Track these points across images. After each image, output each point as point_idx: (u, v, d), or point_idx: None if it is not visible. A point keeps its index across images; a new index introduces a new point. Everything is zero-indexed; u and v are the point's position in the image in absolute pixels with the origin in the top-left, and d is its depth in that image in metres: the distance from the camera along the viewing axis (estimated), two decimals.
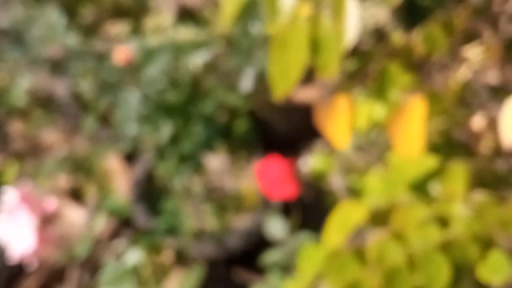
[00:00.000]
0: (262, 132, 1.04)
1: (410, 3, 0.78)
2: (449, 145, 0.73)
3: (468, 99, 0.73)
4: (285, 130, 1.11)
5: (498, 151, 0.71)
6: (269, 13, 0.57)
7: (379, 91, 0.64)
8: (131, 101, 0.84)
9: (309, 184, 0.98)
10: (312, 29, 0.55)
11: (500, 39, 0.71)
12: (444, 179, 0.56)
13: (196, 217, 1.01)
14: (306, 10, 0.55)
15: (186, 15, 1.12)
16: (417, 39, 0.64)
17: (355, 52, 0.80)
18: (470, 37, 0.68)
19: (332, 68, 0.57)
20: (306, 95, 1.13)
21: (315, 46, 0.56)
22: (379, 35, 0.90)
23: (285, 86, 0.57)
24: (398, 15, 0.83)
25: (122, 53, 0.86)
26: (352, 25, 0.56)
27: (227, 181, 1.05)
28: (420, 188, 0.58)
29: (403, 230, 0.51)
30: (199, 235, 1.00)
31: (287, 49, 0.56)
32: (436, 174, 0.58)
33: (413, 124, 0.58)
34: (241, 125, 0.97)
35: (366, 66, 0.73)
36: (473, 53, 0.67)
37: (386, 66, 0.63)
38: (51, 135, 1.18)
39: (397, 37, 0.68)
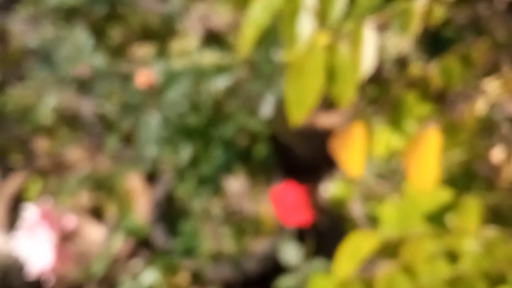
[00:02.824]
0: (282, 156, 1.04)
1: (434, 34, 0.78)
2: (468, 177, 0.73)
3: (488, 131, 0.73)
4: (306, 156, 1.11)
5: None
6: (287, 41, 0.57)
7: (396, 120, 0.64)
8: (152, 123, 0.85)
9: (326, 211, 0.98)
10: (329, 57, 0.56)
11: None
12: (457, 213, 0.55)
13: (214, 239, 1.02)
14: (323, 39, 0.56)
15: (211, 39, 1.14)
16: (434, 70, 0.64)
17: (377, 80, 0.81)
18: (490, 70, 0.68)
19: (347, 97, 0.57)
20: (327, 121, 1.13)
21: (331, 74, 0.56)
22: (402, 64, 0.90)
23: (301, 112, 0.57)
24: (421, 45, 0.84)
25: (144, 76, 0.87)
26: (369, 55, 0.56)
27: (246, 205, 1.05)
28: (434, 220, 0.58)
29: (412, 263, 0.50)
30: (217, 257, 1.00)
31: (303, 76, 0.56)
32: (451, 207, 0.57)
33: (428, 156, 0.58)
34: (261, 150, 0.98)
35: (385, 95, 0.73)
36: (492, 86, 0.67)
37: (403, 96, 0.63)
38: (74, 153, 1.20)
39: (416, 67, 0.68)
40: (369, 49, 0.56)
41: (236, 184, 1.05)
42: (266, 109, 0.89)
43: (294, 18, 0.56)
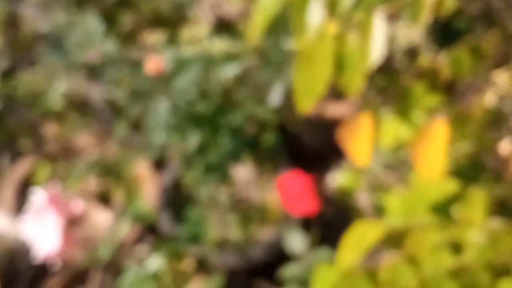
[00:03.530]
0: (290, 145, 1.04)
1: (444, 25, 0.78)
2: (476, 169, 0.72)
3: (496, 123, 0.72)
4: (314, 145, 1.11)
5: None
6: (297, 29, 0.57)
7: (404, 111, 0.64)
8: (161, 110, 0.86)
9: (333, 200, 0.98)
10: (337, 47, 0.56)
11: None
12: (463, 204, 0.55)
13: (220, 226, 1.02)
14: (333, 28, 0.56)
15: (222, 27, 1.14)
16: (444, 62, 0.63)
17: (386, 70, 0.80)
18: (500, 62, 0.67)
19: (355, 86, 0.57)
20: (336, 110, 1.13)
21: (339, 64, 0.56)
22: (412, 54, 0.89)
23: (308, 101, 0.57)
24: (432, 36, 0.83)
25: (154, 63, 0.88)
26: (378, 45, 0.56)
27: (253, 193, 1.05)
28: (440, 211, 0.58)
29: (416, 254, 0.50)
30: (222, 244, 1.01)
31: (312, 65, 0.56)
32: (457, 198, 0.57)
33: (435, 147, 0.58)
34: (269, 138, 0.98)
35: (394, 85, 0.73)
36: (502, 78, 0.67)
37: (412, 87, 0.63)
38: (83, 139, 1.20)
39: (425, 58, 0.68)
40: (378, 39, 0.56)
41: (243, 172, 1.05)
42: (275, 97, 0.89)
43: (304, 7, 0.55)
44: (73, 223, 0.85)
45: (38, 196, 0.83)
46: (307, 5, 0.56)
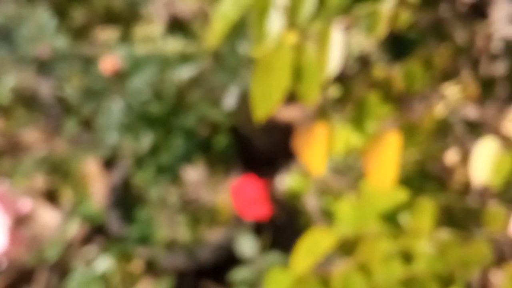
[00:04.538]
0: (242, 148, 1.05)
1: (396, 36, 0.80)
2: (422, 177, 0.75)
3: (443, 133, 0.75)
4: (265, 147, 1.12)
5: (469, 187, 0.72)
6: (256, 38, 0.58)
7: (357, 120, 0.66)
8: (114, 110, 0.85)
9: (283, 204, 0.99)
10: (296, 56, 0.57)
11: (479, 78, 0.73)
12: (412, 214, 0.57)
13: (169, 227, 1.02)
14: (291, 38, 0.57)
15: (176, 26, 1.13)
16: (397, 73, 0.65)
17: (339, 77, 0.82)
18: (449, 75, 0.70)
19: (312, 95, 0.58)
20: (288, 114, 1.14)
21: (297, 73, 0.57)
22: (364, 61, 0.91)
23: (265, 109, 0.58)
24: (384, 46, 0.85)
25: (109, 62, 0.87)
26: (336, 56, 0.57)
27: (203, 194, 1.05)
28: (389, 219, 0.59)
29: (368, 262, 0.52)
30: (171, 245, 1.01)
31: (270, 74, 0.57)
32: (406, 207, 0.59)
33: (387, 156, 0.60)
34: (221, 140, 0.98)
35: (348, 93, 0.74)
36: (452, 91, 0.69)
37: (365, 97, 0.65)
38: (31, 135, 1.18)
39: (379, 69, 0.70)
40: (336, 49, 0.57)
41: (194, 173, 1.05)
42: (229, 100, 0.89)
43: (264, 16, 0.56)
44: (20, 222, 0.83)
45: None
46: (267, 14, 0.57)
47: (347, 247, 0.55)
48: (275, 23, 0.56)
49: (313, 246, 0.54)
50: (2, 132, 1.17)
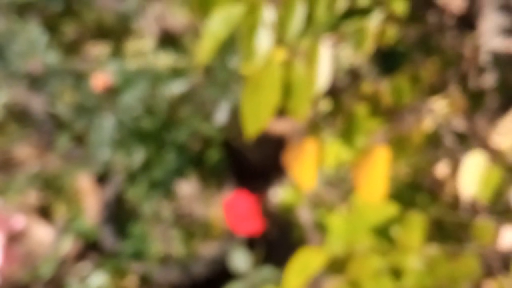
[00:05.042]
0: (234, 161, 1.05)
1: (384, 51, 0.80)
2: (413, 189, 0.75)
3: (433, 146, 0.75)
4: (257, 161, 1.13)
5: (460, 199, 0.73)
6: (245, 55, 0.58)
7: (346, 134, 0.66)
8: (106, 126, 0.85)
9: (276, 218, 1.00)
10: (285, 73, 0.57)
11: (467, 90, 0.74)
12: (403, 228, 0.57)
13: (163, 242, 1.02)
14: (280, 55, 0.57)
15: (167, 40, 1.14)
16: (385, 88, 0.66)
17: (330, 91, 0.82)
18: (437, 88, 0.70)
19: (302, 111, 0.59)
20: (279, 127, 1.15)
21: (287, 90, 0.58)
22: (354, 75, 0.92)
23: (256, 125, 0.59)
24: (372, 60, 0.86)
25: (100, 79, 0.87)
26: (324, 71, 0.58)
27: (196, 208, 1.06)
28: (380, 234, 0.60)
29: (359, 279, 0.52)
30: (165, 260, 1.01)
31: (260, 91, 0.58)
32: (396, 221, 0.60)
33: (376, 171, 0.60)
34: (213, 155, 0.99)
35: (338, 107, 0.75)
36: (440, 105, 0.70)
37: (354, 111, 0.65)
38: (23, 151, 1.18)
39: (367, 84, 0.70)
40: (325, 65, 0.57)
41: (187, 187, 1.06)
42: (220, 115, 0.90)
43: (253, 33, 0.57)
44: (13, 239, 0.83)
45: None
46: (256, 32, 0.57)
47: (338, 265, 0.55)
48: (264, 40, 0.57)
49: (304, 265, 0.54)
50: None
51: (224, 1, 0.58)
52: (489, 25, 0.82)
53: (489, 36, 0.81)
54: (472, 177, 0.63)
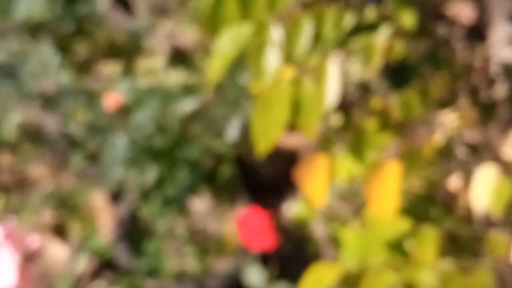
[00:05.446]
0: (246, 177, 1.05)
1: (393, 66, 0.80)
2: (426, 203, 0.75)
3: (445, 158, 0.75)
4: (270, 176, 1.13)
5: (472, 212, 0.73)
6: (254, 74, 0.59)
7: (357, 150, 0.66)
8: (118, 145, 0.86)
9: (290, 233, 1.00)
10: (294, 91, 0.58)
11: (478, 102, 0.74)
12: (416, 242, 0.57)
13: (177, 258, 1.02)
14: (289, 73, 0.58)
15: (178, 57, 1.15)
16: (395, 103, 0.66)
17: (341, 105, 0.83)
18: (447, 102, 0.70)
19: (312, 127, 0.59)
20: (291, 142, 1.15)
21: (297, 107, 0.58)
22: (364, 89, 0.92)
23: (267, 143, 0.59)
24: (382, 75, 0.86)
25: (112, 99, 0.88)
26: (333, 88, 0.58)
27: (210, 224, 1.06)
28: (394, 249, 0.60)
29: None
30: (180, 277, 1.01)
31: (269, 109, 0.58)
32: (410, 235, 0.59)
33: (388, 186, 0.60)
34: (226, 171, 0.99)
35: (349, 122, 0.75)
36: (450, 118, 0.70)
37: (365, 127, 0.65)
38: (38, 170, 1.19)
39: (377, 99, 0.71)
40: (333, 83, 0.58)
41: (200, 204, 1.06)
42: (232, 132, 0.90)
43: (261, 52, 0.57)
44: (29, 258, 0.84)
45: None
46: (264, 50, 0.58)
47: (351, 280, 0.55)
48: (272, 59, 0.58)
49: (318, 280, 0.55)
50: (9, 168, 1.18)
51: (232, 20, 0.59)
52: (499, 35, 0.82)
53: (500, 46, 0.81)
54: (484, 189, 0.63)
